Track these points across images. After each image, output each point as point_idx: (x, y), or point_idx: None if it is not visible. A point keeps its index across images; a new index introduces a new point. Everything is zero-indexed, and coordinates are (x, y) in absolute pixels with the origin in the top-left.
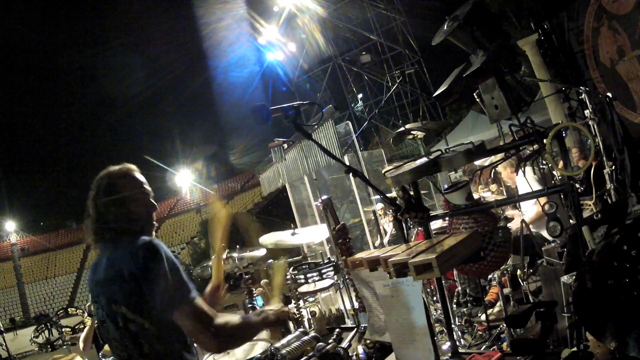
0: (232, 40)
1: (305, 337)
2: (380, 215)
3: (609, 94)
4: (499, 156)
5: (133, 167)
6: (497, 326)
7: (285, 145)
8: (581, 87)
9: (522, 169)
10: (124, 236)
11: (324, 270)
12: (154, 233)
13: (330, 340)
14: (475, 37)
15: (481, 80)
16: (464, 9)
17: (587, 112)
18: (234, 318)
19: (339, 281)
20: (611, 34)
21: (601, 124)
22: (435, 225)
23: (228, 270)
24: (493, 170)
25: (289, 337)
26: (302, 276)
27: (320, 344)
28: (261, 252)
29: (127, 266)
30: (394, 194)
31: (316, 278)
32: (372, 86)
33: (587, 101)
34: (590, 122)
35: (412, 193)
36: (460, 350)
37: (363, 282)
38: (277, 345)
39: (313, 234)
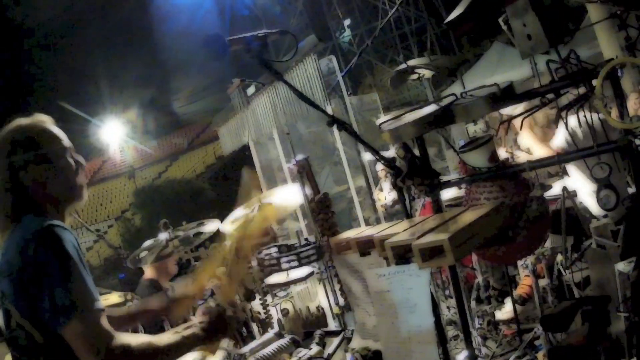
0: None
1: (282, 341)
2: (383, 178)
3: None
4: (533, 103)
5: (47, 118)
6: (531, 329)
7: (251, 90)
8: None
9: (564, 120)
10: (30, 213)
11: (303, 254)
12: (74, 209)
13: (312, 345)
14: None
15: (509, 0)
16: None
17: None
18: (138, 340)
19: (320, 270)
20: None
21: None
22: (447, 195)
23: (171, 256)
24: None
25: (257, 341)
26: (272, 262)
27: (301, 349)
28: (213, 226)
29: (17, 256)
30: (392, 152)
31: (293, 264)
32: (363, 8)
33: None
34: None
35: (416, 152)
36: None
37: (350, 271)
38: (243, 351)
39: (285, 197)
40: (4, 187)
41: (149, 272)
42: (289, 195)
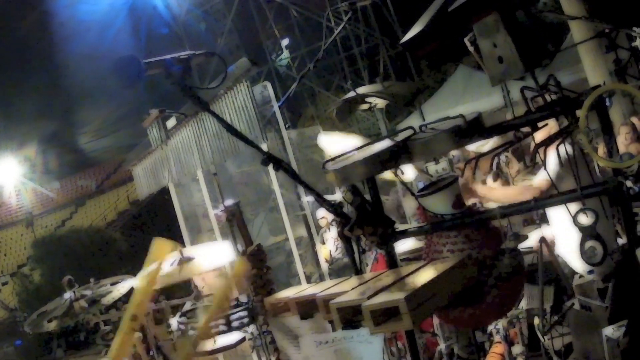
0: None
1: None
2: (324, 228)
3: None
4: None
5: None
6: None
7: (171, 122)
8: (635, 29)
9: (542, 158)
10: None
11: (233, 317)
12: None
13: None
14: None
15: (477, 17)
16: None
17: None
18: None
19: (253, 335)
20: None
21: None
22: (404, 247)
23: (77, 319)
24: (497, 160)
25: None
26: (196, 327)
27: None
28: (126, 285)
29: None
30: (339, 196)
31: (221, 328)
32: (304, 26)
33: None
34: None
35: (367, 196)
36: None
37: (289, 337)
38: None
39: (212, 256)
40: None
41: None
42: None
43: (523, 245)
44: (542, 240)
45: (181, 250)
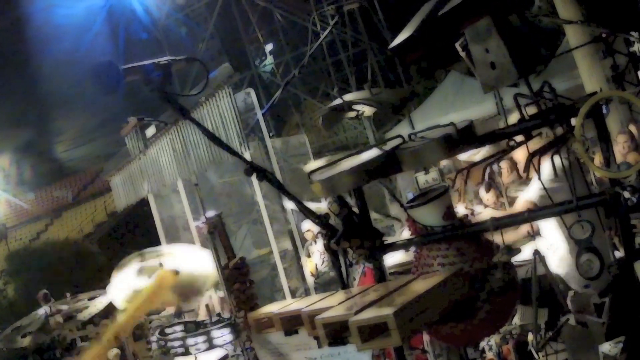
0: None
1: None
2: (310, 240)
3: None
4: (497, 147)
5: None
6: None
7: (151, 130)
8: (632, 33)
9: (536, 168)
10: None
11: (214, 334)
12: None
13: None
14: None
15: (469, 21)
16: None
17: None
18: None
19: (235, 352)
20: None
21: None
22: (392, 260)
23: (53, 334)
24: (489, 170)
25: None
26: (176, 344)
27: None
28: (104, 300)
29: None
30: (324, 206)
31: (202, 346)
32: (288, 30)
33: None
34: None
35: (354, 207)
36: None
37: (273, 354)
38: None
39: (192, 261)
40: None
41: None
42: (199, 260)
43: (516, 259)
44: (537, 253)
45: (161, 263)
